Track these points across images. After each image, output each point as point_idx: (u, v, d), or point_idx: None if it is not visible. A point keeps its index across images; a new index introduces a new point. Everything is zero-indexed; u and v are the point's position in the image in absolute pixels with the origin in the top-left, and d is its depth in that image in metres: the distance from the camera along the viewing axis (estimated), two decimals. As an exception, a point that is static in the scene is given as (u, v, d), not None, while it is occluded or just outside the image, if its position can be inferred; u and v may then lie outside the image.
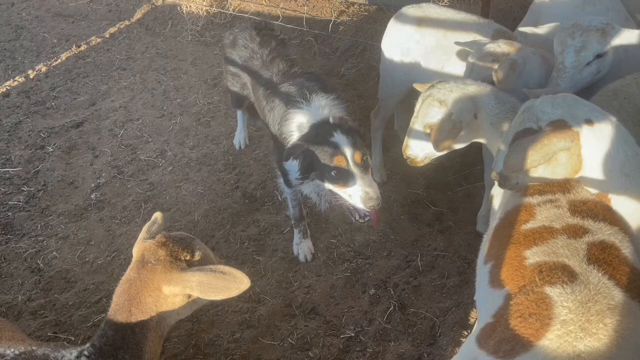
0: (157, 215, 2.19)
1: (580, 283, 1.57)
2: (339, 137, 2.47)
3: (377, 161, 3.58)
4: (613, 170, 1.83)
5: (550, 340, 1.46)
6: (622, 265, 1.66)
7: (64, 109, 4.46)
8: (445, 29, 3.06)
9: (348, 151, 2.46)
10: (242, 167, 3.81)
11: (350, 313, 2.84)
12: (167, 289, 1.92)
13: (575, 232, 1.73)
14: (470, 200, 3.38)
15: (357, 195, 2.47)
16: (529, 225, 1.84)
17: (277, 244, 3.25)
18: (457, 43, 2.85)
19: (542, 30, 2.83)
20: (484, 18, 3.22)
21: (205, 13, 5.45)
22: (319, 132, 2.51)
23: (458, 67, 2.90)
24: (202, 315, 2.83)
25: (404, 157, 2.57)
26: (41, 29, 5.63)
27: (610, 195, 1.86)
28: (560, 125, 1.84)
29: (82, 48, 5.28)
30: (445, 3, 4.43)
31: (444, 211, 3.38)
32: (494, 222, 2.10)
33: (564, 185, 1.93)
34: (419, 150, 2.49)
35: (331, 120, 2.54)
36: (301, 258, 3.13)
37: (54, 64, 5.05)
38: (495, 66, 2.55)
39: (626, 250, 1.72)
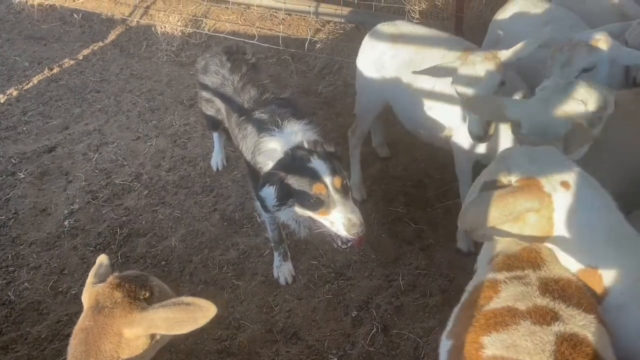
0: (102, 258, 2.06)
1: None
2: (316, 163, 2.37)
3: (357, 179, 3.56)
4: (596, 241, 1.68)
5: None
6: None
7: (35, 134, 4.36)
8: (418, 45, 3.09)
9: (327, 178, 2.35)
10: (220, 189, 3.75)
11: (332, 337, 2.79)
12: (129, 333, 1.79)
13: (542, 317, 1.47)
14: (450, 217, 3.37)
15: (340, 222, 2.35)
16: (491, 304, 1.60)
17: (257, 268, 3.19)
18: (421, 72, 2.79)
19: None
20: (453, 35, 3.26)
21: (180, 33, 5.42)
22: (295, 159, 2.42)
23: (429, 83, 2.91)
24: (180, 344, 2.75)
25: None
26: (12, 52, 5.53)
27: (600, 270, 1.67)
28: (531, 184, 1.69)
29: (54, 71, 5.19)
30: (419, 20, 4.47)
31: (424, 228, 3.36)
32: (464, 296, 1.86)
33: (535, 261, 1.73)
34: None
35: (306, 145, 2.47)
36: (282, 281, 3.07)
37: (25, 88, 4.95)
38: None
39: (601, 346, 1.45)
